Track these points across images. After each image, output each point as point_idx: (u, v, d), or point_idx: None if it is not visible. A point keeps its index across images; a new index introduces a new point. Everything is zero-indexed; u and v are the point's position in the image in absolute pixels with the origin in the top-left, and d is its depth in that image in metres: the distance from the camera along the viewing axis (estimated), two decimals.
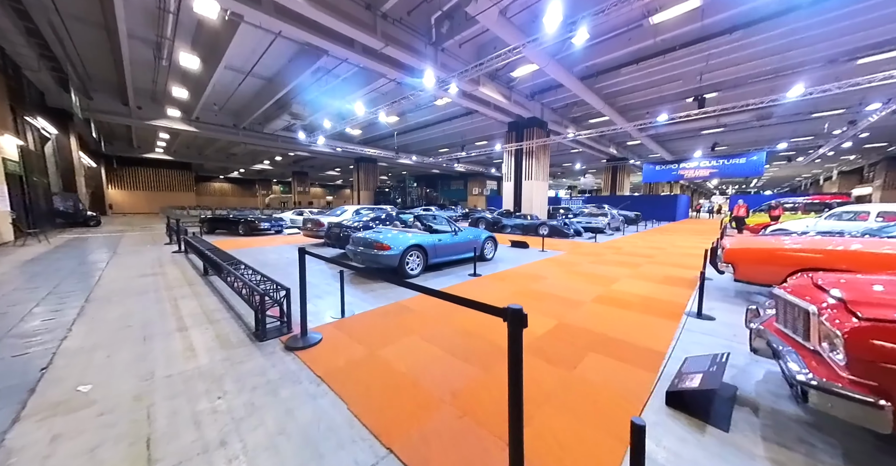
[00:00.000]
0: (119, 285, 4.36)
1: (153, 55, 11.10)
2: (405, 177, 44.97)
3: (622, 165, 26.61)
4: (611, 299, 3.72)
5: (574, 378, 2.05)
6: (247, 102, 16.97)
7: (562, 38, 6.82)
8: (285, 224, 12.18)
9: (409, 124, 19.86)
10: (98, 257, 6.63)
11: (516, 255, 7.06)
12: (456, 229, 5.60)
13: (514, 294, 3.91)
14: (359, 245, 4.96)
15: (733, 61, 10.18)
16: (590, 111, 16.37)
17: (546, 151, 15.71)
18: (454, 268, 5.60)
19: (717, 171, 17.39)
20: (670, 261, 6.27)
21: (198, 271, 5.25)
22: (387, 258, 4.53)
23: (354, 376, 2.10)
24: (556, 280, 4.66)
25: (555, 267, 5.64)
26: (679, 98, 13.85)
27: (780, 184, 52.30)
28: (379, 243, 4.61)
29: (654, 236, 11.57)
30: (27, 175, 10.26)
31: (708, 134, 19.01)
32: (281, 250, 7.67)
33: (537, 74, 11.83)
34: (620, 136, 21.34)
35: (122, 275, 5.02)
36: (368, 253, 4.69)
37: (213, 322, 3.03)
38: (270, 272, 5.18)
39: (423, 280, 4.73)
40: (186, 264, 5.89)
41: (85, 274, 5.03)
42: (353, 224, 6.45)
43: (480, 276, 4.93)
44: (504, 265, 5.88)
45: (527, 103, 14.02)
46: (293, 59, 12.14)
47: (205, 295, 3.91)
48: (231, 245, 8.39)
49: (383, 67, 9.67)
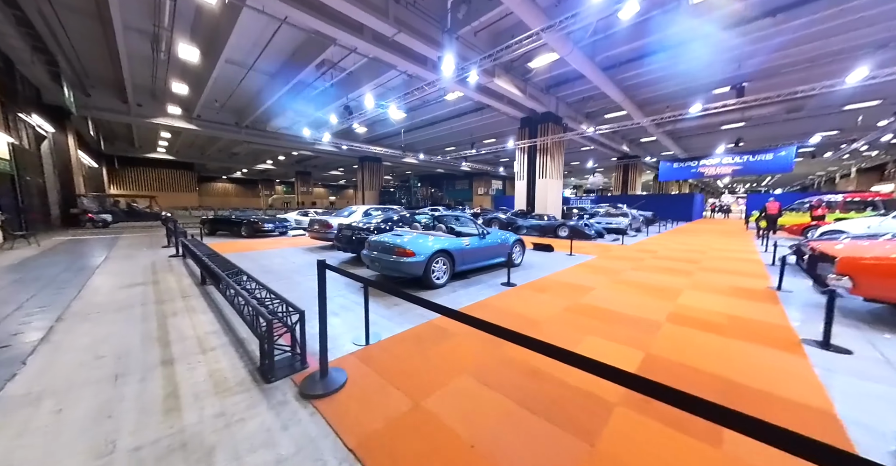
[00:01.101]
0: (102, 298, 3.77)
1: (151, 48, 10.55)
2: (409, 177, 44.40)
3: (634, 162, 25.79)
4: (689, 318, 3.06)
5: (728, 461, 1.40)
6: (249, 99, 16.43)
7: (608, 11, 6.12)
8: (290, 225, 11.61)
9: (415, 122, 19.24)
10: (87, 262, 6.06)
11: (543, 259, 6.42)
12: (483, 232, 4.96)
13: (565, 312, 3.26)
14: (376, 250, 4.34)
15: (771, 48, 9.43)
16: (606, 106, 15.64)
17: (561, 147, 15.01)
18: (481, 275, 4.96)
19: (742, 168, 16.57)
20: (722, 267, 5.58)
21: (195, 280, 4.66)
22: (410, 266, 3.90)
23: (400, 447, 1.48)
24: (606, 292, 4.01)
25: (595, 275, 4.98)
26: (703, 90, 13.10)
27: (789, 182, 50.99)
28: (401, 248, 3.98)
29: (681, 237, 10.85)
30: (19, 175, 9.76)
31: (728, 129, 18.18)
32: (286, 254, 7.07)
33: (555, 65, 11.14)
34: (634, 132, 20.57)
35: (109, 284, 4.44)
36: (387, 260, 4.07)
37: (207, 351, 2.41)
38: (275, 280, 4.58)
39: (451, 291, 4.10)
40: (183, 271, 5.31)
41: (67, 283, 4.45)
42: (366, 226, 5.83)
43: (515, 286, 4.29)
44: (536, 272, 5.24)
45: (542, 97, 13.33)
46: (297, 51, 11.55)
47: (200, 311, 3.30)
48: (233, 248, 7.82)
49: (394, 56, 9.04)
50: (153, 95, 15.58)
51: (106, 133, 23.30)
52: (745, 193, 51.73)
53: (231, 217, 11.05)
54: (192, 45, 9.82)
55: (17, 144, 10.00)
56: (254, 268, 5.52)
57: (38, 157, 12.34)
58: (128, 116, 15.80)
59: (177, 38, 9.84)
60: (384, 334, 2.73)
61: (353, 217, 8.16)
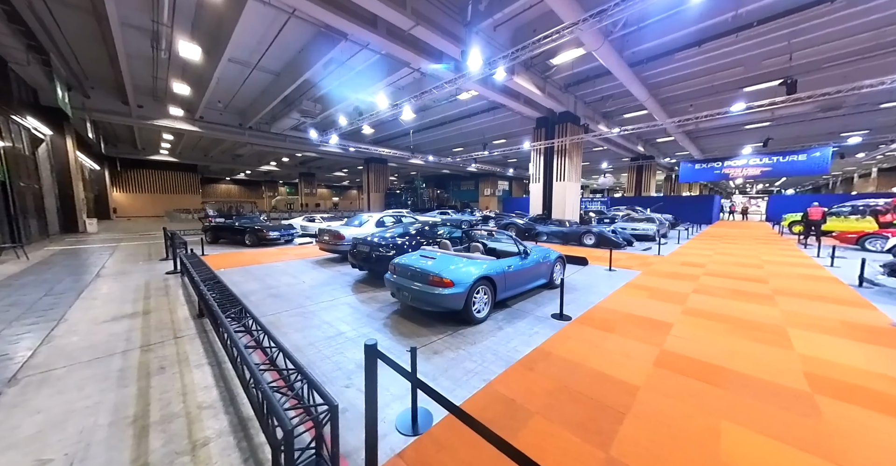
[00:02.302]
0: (78, 340, 3.12)
1: (151, 46, 9.97)
2: (414, 178, 43.73)
3: (648, 163, 24.96)
4: (842, 386, 2.23)
5: None
6: (253, 100, 15.87)
7: None
8: (296, 232, 10.98)
9: (423, 122, 18.60)
10: (74, 281, 5.45)
11: (582, 276, 5.70)
12: (524, 250, 4.27)
13: (659, 368, 2.50)
14: (403, 276, 3.66)
15: (820, 40, 8.64)
16: (625, 105, 14.91)
17: (579, 148, 14.28)
18: (521, 301, 4.27)
19: (771, 169, 15.69)
20: (799, 289, 4.77)
21: (192, 309, 4.01)
22: (448, 299, 3.22)
23: None
24: (689, 330, 3.28)
25: (657, 301, 4.26)
26: (733, 88, 12.32)
27: (799, 183, 49.47)
28: (436, 276, 3.29)
29: (717, 244, 10.05)
30: (11, 180, 9.21)
31: (752, 129, 17.34)
32: (295, 269, 6.42)
33: (579, 62, 10.44)
34: (650, 132, 19.76)
35: (91, 315, 3.80)
36: (419, 290, 3.38)
37: (198, 447, 1.74)
38: (285, 309, 3.91)
39: (494, 326, 3.41)
40: (179, 295, 4.67)
41: (43, 315, 3.82)
42: (385, 243, 5.15)
43: (571, 320, 3.58)
44: (583, 295, 4.53)
45: (560, 96, 12.61)
46: (304, 49, 10.93)
47: (194, 364, 2.64)
48: (236, 261, 7.18)
49: (409, 52, 8.37)
50: (154, 96, 15.07)
51: (107, 135, 22.91)
52: (757, 194, 50.53)
53: (234, 224, 10.44)
54: (193, 42, 9.22)
55: (9, 148, 9.46)
56: (259, 291, 4.87)
57: (33, 161, 11.84)
58: (129, 118, 15.30)
59: (177, 35, 9.25)
60: (432, 407, 2.03)
61: (366, 228, 7.50)
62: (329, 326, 3.47)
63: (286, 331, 3.34)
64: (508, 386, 2.25)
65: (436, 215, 16.93)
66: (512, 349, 2.88)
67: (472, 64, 6.71)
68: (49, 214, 12.46)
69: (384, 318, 3.71)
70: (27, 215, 10.38)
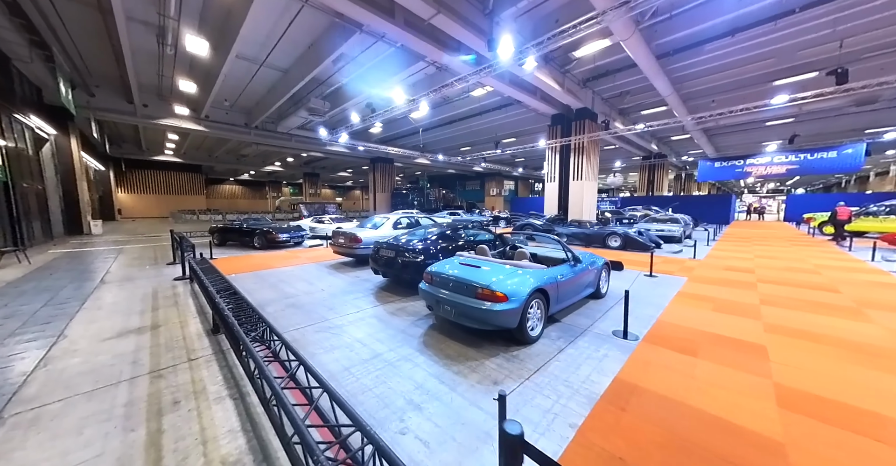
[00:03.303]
0: (77, 363, 2.72)
1: (157, 41, 9.62)
2: (419, 178, 43.29)
3: (661, 162, 24.33)
4: None
5: None
6: (260, 98, 15.53)
7: None
8: (306, 234, 10.59)
9: (433, 121, 18.17)
10: (77, 289, 5.07)
11: (622, 283, 5.24)
12: (574, 256, 3.81)
13: (791, 416, 1.98)
14: (443, 287, 3.22)
15: (864, 28, 8.09)
16: (644, 101, 14.39)
17: (597, 146, 13.77)
18: (570, 314, 3.82)
19: (798, 167, 15.05)
20: (883, 300, 4.23)
21: (204, 322, 3.61)
22: (501, 316, 2.77)
23: None
24: (792, 356, 2.75)
25: (726, 315, 3.77)
26: (762, 81, 11.76)
27: (808, 182, 48.27)
28: (487, 289, 2.85)
29: (753, 246, 9.50)
30: (13, 181, 8.90)
31: (773, 126, 16.72)
32: (310, 275, 6.01)
33: (602, 54, 9.93)
34: (665, 129, 19.19)
35: (95, 330, 3.40)
36: (466, 304, 2.94)
37: None
38: (306, 322, 3.48)
39: (551, 347, 2.97)
40: (189, 305, 4.27)
41: (41, 330, 3.43)
42: (414, 247, 4.71)
43: (638, 339, 3.12)
44: (637, 307, 4.06)
45: (579, 92, 12.12)
46: (314, 44, 10.54)
47: (213, 397, 2.22)
48: (247, 265, 6.79)
49: (426, 44, 7.93)
50: (160, 95, 14.77)
51: (112, 135, 22.71)
52: (768, 193, 49.57)
53: (242, 226, 10.07)
54: (200, 37, 8.85)
55: (11, 148, 9.15)
56: (276, 300, 4.46)
57: (37, 161, 11.56)
58: (134, 118, 15.00)
59: (184, 29, 8.87)
60: None
61: (383, 230, 7.08)
62: (361, 345, 3.04)
63: (314, 351, 2.92)
64: (606, 436, 1.80)
65: (445, 215, 16.49)
66: (585, 378, 2.43)
67: (502, 53, 6.24)
68: (53, 215, 12.18)
69: (421, 335, 3.28)
70: (30, 216, 10.07)
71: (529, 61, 6.67)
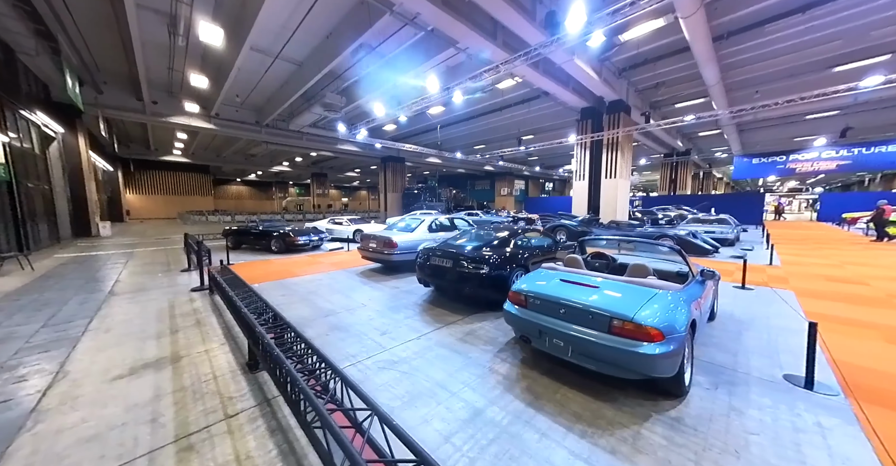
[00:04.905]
0: (78, 420, 2.01)
1: (168, 32, 8.99)
2: (427, 178, 42.50)
3: (685, 160, 23.27)
4: None
5: None
6: (272, 94, 14.92)
7: None
8: (326, 237, 9.91)
9: (448, 118, 17.44)
10: (82, 303, 4.41)
11: (723, 299, 4.42)
12: (704, 270, 3.01)
13: None
14: (551, 315, 2.43)
15: None
16: (678, 94, 13.48)
17: (630, 141, 12.90)
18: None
19: (851, 162, 13.98)
20: None
21: (235, 352, 2.89)
22: (657, 362, 1.98)
23: None
24: None
25: None
26: (815, 69, 10.81)
27: (828, 181, 46.26)
28: (629, 321, 2.06)
29: (819, 250, 8.59)
30: (18, 181, 8.34)
31: (816, 119, 15.65)
32: (342, 285, 5.29)
33: (648, 39, 9.08)
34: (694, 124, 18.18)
35: (102, 363, 2.70)
36: (591, 341, 2.16)
37: None
38: (359, 347, 2.61)
39: (714, 401, 2.19)
40: (213, 326, 3.56)
41: (36, 362, 2.74)
42: (474, 255, 3.95)
43: (838, 394, 2.26)
44: (767, 336, 3.27)
45: (615, 82, 11.28)
46: (332, 33, 9.84)
47: None
48: (268, 273, 6.10)
49: (463, 25, 7.16)
50: (169, 92, 14.22)
51: (120, 135, 22.34)
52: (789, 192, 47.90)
53: (258, 228, 9.42)
54: (214, 24, 8.20)
55: (16, 146, 8.60)
56: (314, 318, 3.74)
57: (44, 160, 11.04)
58: (143, 115, 14.48)
59: (197, 16, 8.24)
60: None
61: (419, 233, 6.33)
62: (448, 394, 2.28)
63: (388, 402, 2.18)
64: None
65: (463, 216, 15.70)
66: None
67: (571, 25, 5.44)
68: (60, 217, 11.66)
69: (520, 377, 2.50)
70: (36, 218, 9.52)
71: (597, 35, 5.84)
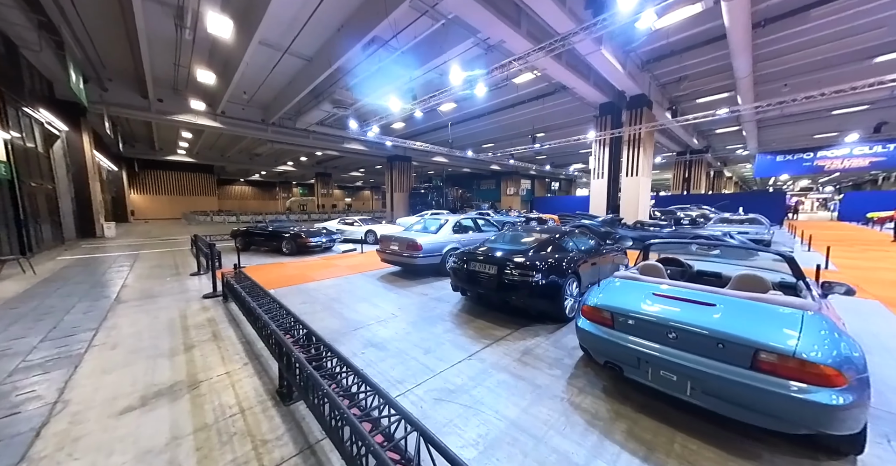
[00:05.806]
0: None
1: (174, 25, 8.62)
2: (431, 177, 42.05)
3: (699, 158, 22.67)
4: None
5: None
6: (279, 91, 14.56)
7: None
8: (338, 237, 9.51)
9: (456, 116, 17.00)
10: (87, 311, 4.02)
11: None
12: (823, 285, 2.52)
13: None
14: (654, 340, 1.95)
15: None
16: (701, 88, 12.94)
17: (652, 138, 12.40)
18: None
19: (886, 159, 13.37)
20: None
21: (262, 373, 2.47)
22: (836, 416, 1.46)
23: None
24: None
25: None
26: (854, 60, 10.26)
27: (838, 180, 45.17)
28: (787, 355, 1.55)
29: (864, 252, 8.08)
30: (21, 180, 8.00)
31: (839, 115, 15.04)
32: (364, 291, 4.87)
33: (680, 28, 8.59)
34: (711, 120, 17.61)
35: (107, 392, 2.29)
36: (726, 378, 1.67)
37: None
38: (401, 369, 2.20)
39: None
40: (232, 341, 3.15)
41: (30, 390, 2.34)
42: (524, 261, 3.51)
43: None
44: (887, 361, 2.80)
45: (638, 75, 10.78)
46: (344, 25, 9.45)
47: None
48: (282, 277, 5.69)
49: (487, 11, 6.70)
50: (175, 89, 13.88)
51: (125, 134, 22.10)
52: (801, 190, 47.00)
53: (268, 229, 9.04)
54: (223, 15, 7.82)
55: (18, 144, 8.27)
56: (345, 332, 3.32)
57: (47, 159, 10.73)
58: (148, 113, 14.17)
59: (205, 7, 7.85)
60: None
61: (443, 235, 5.90)
62: (532, 440, 1.84)
63: (461, 452, 1.75)
64: None
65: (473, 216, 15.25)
66: None
67: (623, 4, 4.98)
68: (64, 217, 11.35)
69: (613, 415, 2.06)
70: (39, 219, 9.20)
71: (649, 13, 5.32)
